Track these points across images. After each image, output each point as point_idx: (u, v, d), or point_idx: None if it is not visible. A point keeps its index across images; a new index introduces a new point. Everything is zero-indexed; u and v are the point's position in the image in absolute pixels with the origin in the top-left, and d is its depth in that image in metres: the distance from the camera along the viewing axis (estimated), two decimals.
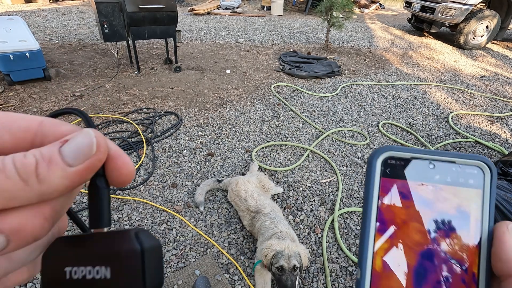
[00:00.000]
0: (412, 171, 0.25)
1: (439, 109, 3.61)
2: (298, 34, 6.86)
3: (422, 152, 0.25)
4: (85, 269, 0.19)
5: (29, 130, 0.18)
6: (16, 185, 0.15)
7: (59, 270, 0.19)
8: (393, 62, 5.26)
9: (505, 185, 1.70)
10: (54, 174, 0.16)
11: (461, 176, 0.25)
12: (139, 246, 0.19)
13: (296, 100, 3.60)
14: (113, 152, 0.19)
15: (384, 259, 0.24)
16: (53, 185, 0.16)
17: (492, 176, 0.25)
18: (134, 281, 0.18)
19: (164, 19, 3.55)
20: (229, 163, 2.46)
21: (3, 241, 0.15)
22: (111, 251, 0.19)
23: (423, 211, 0.25)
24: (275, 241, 1.42)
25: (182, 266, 1.65)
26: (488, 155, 2.77)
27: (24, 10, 7.01)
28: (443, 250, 0.24)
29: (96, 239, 0.20)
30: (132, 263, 0.19)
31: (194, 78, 4.01)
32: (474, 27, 5.93)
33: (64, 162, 0.17)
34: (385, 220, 0.25)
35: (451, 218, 0.24)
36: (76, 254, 0.19)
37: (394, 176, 0.25)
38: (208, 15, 8.36)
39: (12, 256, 0.18)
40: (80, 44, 4.94)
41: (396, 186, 0.25)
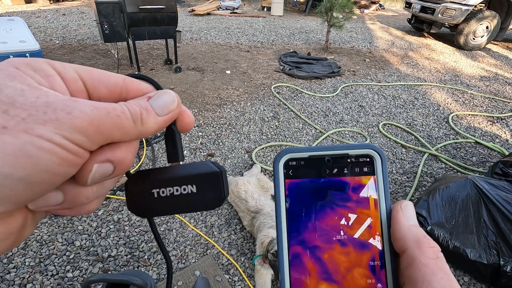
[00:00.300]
0: (312, 169, 0.27)
1: (439, 110, 3.60)
2: (298, 34, 6.86)
3: (317, 150, 0.27)
4: (172, 188, 0.26)
5: (118, 85, 0.22)
6: (130, 125, 0.20)
7: (147, 192, 0.26)
8: (393, 62, 5.26)
9: (506, 186, 1.70)
10: (150, 120, 0.21)
11: (356, 166, 0.27)
12: (218, 169, 0.26)
13: (296, 100, 3.60)
14: (182, 108, 0.25)
15: (298, 258, 0.26)
16: (148, 127, 0.21)
17: (382, 161, 0.27)
18: (217, 192, 0.26)
19: (164, 20, 3.55)
20: (229, 163, 2.46)
21: (111, 169, 0.20)
22: (195, 174, 0.26)
23: (327, 206, 0.26)
24: (272, 230, 1.44)
25: (182, 267, 1.64)
26: (488, 155, 2.77)
27: (24, 11, 7.02)
28: (350, 239, 0.26)
29: (177, 168, 0.26)
30: (215, 180, 0.26)
31: (194, 78, 4.01)
32: (474, 27, 5.93)
33: (155, 112, 0.22)
34: (294, 220, 0.26)
35: (354, 207, 0.26)
36: (161, 179, 0.26)
37: (297, 176, 0.27)
38: (208, 15, 8.37)
39: (105, 184, 0.22)
40: (80, 44, 4.94)
41: (299, 185, 0.27)
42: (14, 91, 0.17)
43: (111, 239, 1.76)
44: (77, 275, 1.56)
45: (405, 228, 0.24)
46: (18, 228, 0.19)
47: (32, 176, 0.16)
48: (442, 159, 2.66)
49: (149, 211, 0.26)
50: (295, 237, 0.26)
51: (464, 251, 1.56)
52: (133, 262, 1.65)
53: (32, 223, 0.21)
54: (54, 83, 0.19)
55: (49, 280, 1.52)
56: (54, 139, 0.16)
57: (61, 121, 0.17)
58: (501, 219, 1.58)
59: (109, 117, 0.19)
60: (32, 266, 1.58)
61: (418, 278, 0.21)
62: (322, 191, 0.27)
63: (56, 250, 1.67)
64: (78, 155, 0.18)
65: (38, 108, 0.17)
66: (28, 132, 0.16)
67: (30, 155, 0.16)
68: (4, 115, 0.16)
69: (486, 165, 2.62)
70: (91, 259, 1.64)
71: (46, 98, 0.17)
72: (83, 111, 0.18)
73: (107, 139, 0.19)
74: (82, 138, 0.18)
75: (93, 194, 0.21)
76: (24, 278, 1.52)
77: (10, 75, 0.17)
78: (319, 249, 0.26)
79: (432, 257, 0.22)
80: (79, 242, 1.73)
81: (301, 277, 0.25)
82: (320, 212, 0.26)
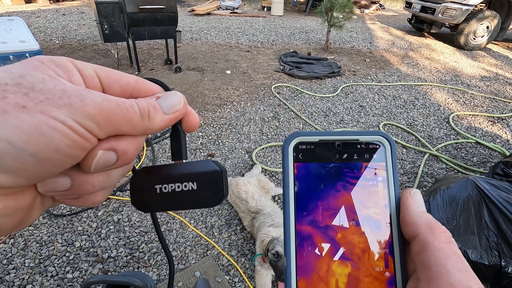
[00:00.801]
0: (322, 153, 0.27)
1: (439, 110, 3.60)
2: (298, 34, 6.86)
3: (328, 134, 0.27)
4: (174, 185, 0.27)
5: (130, 85, 0.24)
6: (137, 119, 0.22)
7: (150, 187, 0.27)
8: (393, 62, 5.25)
9: (507, 187, 1.69)
10: (157, 117, 0.23)
11: (366, 152, 0.27)
12: (219, 168, 0.27)
13: (297, 100, 3.59)
14: (189, 109, 0.27)
15: (306, 242, 0.26)
16: (155, 124, 0.23)
17: (392, 148, 0.27)
18: (216, 191, 0.27)
19: (164, 20, 3.55)
20: (230, 164, 2.46)
21: (115, 158, 0.21)
22: (197, 172, 0.27)
23: (336, 190, 0.26)
24: (272, 228, 1.44)
25: (182, 267, 1.64)
26: (489, 156, 2.76)
27: (24, 11, 7.01)
28: (359, 224, 0.26)
29: (179, 166, 0.28)
30: (215, 178, 0.27)
31: (194, 78, 4.00)
32: (474, 27, 5.93)
33: (162, 110, 0.24)
34: (302, 204, 0.26)
35: (362, 193, 0.26)
36: (164, 175, 0.27)
37: (306, 160, 0.27)
38: (208, 15, 8.36)
39: (111, 174, 0.23)
40: (80, 44, 4.93)
41: (309, 169, 0.27)
42: (35, 78, 0.18)
43: (111, 240, 1.75)
44: (77, 276, 1.55)
45: (416, 213, 0.24)
46: (26, 207, 0.20)
47: (42, 153, 0.17)
48: (442, 160, 2.65)
49: (151, 206, 0.27)
50: (302, 219, 0.26)
51: (465, 252, 1.55)
52: (133, 263, 1.64)
53: (40, 207, 0.22)
54: (72, 77, 0.21)
55: (49, 281, 1.51)
56: (67, 122, 0.18)
57: (74, 107, 0.18)
58: (502, 220, 1.57)
59: (119, 109, 0.20)
60: (32, 267, 1.57)
61: (431, 262, 0.21)
62: (331, 176, 0.27)
63: (56, 251, 1.66)
64: (87, 140, 0.19)
65: (55, 93, 0.18)
66: (44, 113, 0.17)
67: (43, 134, 0.17)
68: (24, 96, 0.17)
69: (487, 165, 2.62)
70: (91, 260, 1.63)
71: (63, 86, 0.19)
72: (95, 100, 0.19)
73: (116, 129, 0.21)
74: (92, 124, 0.19)
75: (99, 184, 0.22)
76: (23, 279, 1.51)
77: (34, 66, 0.19)
78: (325, 231, 0.26)
79: (445, 241, 0.22)
80: (79, 243, 1.72)
81: (311, 257, 0.25)
82: (328, 196, 0.26)
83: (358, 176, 0.27)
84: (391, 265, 0.25)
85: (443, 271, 0.20)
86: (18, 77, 0.18)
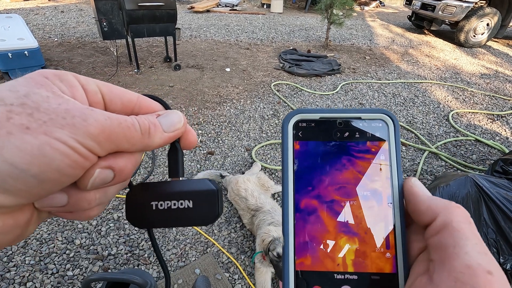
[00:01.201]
0: (323, 131, 0.26)
1: (439, 107, 3.60)
2: (298, 32, 6.83)
3: (330, 112, 0.27)
4: (170, 202, 0.27)
5: (132, 101, 0.25)
6: (138, 136, 0.22)
7: (146, 204, 0.27)
8: (393, 60, 5.24)
9: (506, 184, 1.69)
10: (156, 134, 0.23)
11: (368, 130, 0.26)
12: (215, 187, 0.27)
13: (296, 98, 3.59)
14: (188, 127, 0.27)
15: (305, 220, 0.25)
16: (154, 141, 0.23)
17: (395, 127, 0.26)
18: (212, 209, 0.27)
19: (163, 17, 3.53)
20: (229, 161, 2.46)
21: (111, 176, 0.22)
22: (193, 190, 0.27)
23: (336, 169, 0.26)
24: (273, 227, 1.43)
25: (182, 265, 1.64)
26: (488, 153, 2.77)
27: (22, 8, 6.97)
28: (359, 201, 0.25)
29: (176, 183, 0.28)
30: (211, 197, 0.27)
31: (194, 76, 3.99)
32: (474, 24, 5.91)
33: (162, 128, 0.24)
34: (301, 182, 0.26)
35: (364, 172, 0.26)
36: (160, 192, 0.27)
37: (306, 137, 0.26)
38: (207, 12, 8.33)
39: (107, 191, 0.24)
40: (79, 42, 4.91)
41: (309, 147, 0.26)
42: (40, 97, 0.19)
43: (111, 238, 1.76)
44: (77, 274, 1.56)
45: (428, 199, 0.23)
46: (24, 223, 0.21)
47: (44, 174, 0.18)
48: (442, 157, 2.66)
49: (146, 222, 0.28)
50: (301, 196, 0.26)
51: None
52: (133, 260, 1.65)
53: (36, 221, 0.22)
54: (76, 93, 0.21)
55: (49, 279, 1.52)
56: (69, 142, 0.18)
57: (77, 127, 0.19)
58: (501, 217, 1.58)
59: (120, 127, 0.21)
60: (32, 264, 1.58)
61: (449, 243, 0.20)
62: (332, 154, 0.26)
63: (56, 249, 1.67)
64: (88, 159, 0.19)
65: (59, 113, 0.18)
66: (47, 134, 0.18)
67: (45, 155, 0.17)
68: (29, 117, 0.18)
69: (486, 163, 2.62)
70: (91, 258, 1.64)
71: (66, 105, 0.19)
72: (97, 119, 0.19)
73: (116, 147, 0.21)
74: (94, 143, 0.19)
75: (95, 200, 0.23)
76: (24, 276, 1.52)
77: (38, 83, 0.19)
78: (329, 206, 0.25)
79: (465, 222, 0.21)
80: (79, 240, 1.72)
81: (314, 233, 0.25)
82: (328, 175, 0.26)
83: (359, 155, 0.26)
84: (392, 247, 0.24)
85: (461, 252, 0.20)
86: (23, 96, 0.18)
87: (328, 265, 0.24)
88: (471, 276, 0.19)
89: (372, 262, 0.24)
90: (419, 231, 0.25)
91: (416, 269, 0.23)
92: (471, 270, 0.19)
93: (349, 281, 0.24)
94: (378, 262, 0.24)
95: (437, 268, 0.21)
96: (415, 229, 0.25)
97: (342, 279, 0.24)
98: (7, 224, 0.19)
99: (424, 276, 0.22)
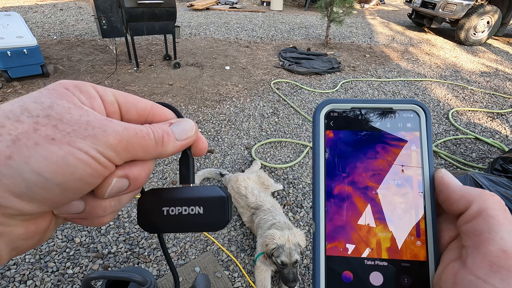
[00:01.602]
0: (354, 121, 0.27)
1: (439, 106, 3.59)
2: (298, 29, 6.82)
3: (361, 102, 0.27)
4: (181, 208, 0.28)
5: (146, 110, 0.26)
6: (152, 145, 0.23)
7: (158, 209, 0.28)
8: (393, 58, 5.23)
9: (506, 182, 1.70)
10: (169, 143, 0.24)
11: (399, 121, 0.26)
12: (225, 194, 0.28)
13: (296, 96, 3.58)
14: (199, 135, 0.28)
15: (335, 206, 0.26)
16: (167, 149, 0.24)
17: (427, 117, 0.26)
18: (222, 215, 0.28)
19: (163, 15, 3.52)
20: (229, 160, 2.46)
21: (127, 184, 0.23)
22: (204, 196, 0.28)
23: (367, 158, 0.26)
24: (277, 232, 1.43)
25: (182, 263, 1.65)
26: (488, 151, 2.77)
27: (21, 6, 6.94)
28: (391, 193, 0.25)
29: (187, 189, 0.28)
30: (221, 204, 0.28)
31: (193, 74, 3.98)
32: (475, 22, 5.89)
33: (175, 137, 0.25)
34: (333, 172, 0.26)
35: (395, 162, 0.26)
36: (171, 198, 0.28)
37: (338, 127, 0.27)
38: (207, 10, 8.30)
39: (121, 199, 0.25)
40: (78, 40, 4.90)
41: (340, 136, 0.27)
42: (62, 108, 0.20)
43: (111, 236, 1.76)
44: (77, 272, 1.56)
45: (460, 189, 0.24)
46: (44, 229, 0.22)
47: (67, 183, 0.19)
48: (442, 155, 2.66)
49: (157, 227, 0.28)
50: (332, 184, 0.26)
51: None
52: (133, 258, 1.65)
53: (54, 227, 0.23)
54: (94, 104, 0.22)
55: (50, 277, 1.52)
56: (90, 152, 0.19)
57: (98, 137, 0.20)
58: None
59: (136, 137, 0.22)
60: (32, 262, 1.58)
61: (483, 229, 0.21)
62: (363, 144, 0.26)
63: (56, 247, 1.67)
64: (107, 168, 0.21)
65: (81, 125, 0.20)
66: (70, 144, 0.19)
67: (69, 164, 0.19)
68: (54, 129, 0.19)
69: (485, 161, 2.62)
70: (91, 256, 1.64)
71: (87, 117, 0.20)
72: (116, 130, 0.21)
73: (132, 156, 0.22)
74: (113, 153, 0.20)
75: (110, 208, 0.24)
76: (24, 274, 1.52)
77: (60, 94, 0.20)
78: (357, 195, 0.26)
79: (501, 209, 0.21)
80: (79, 238, 1.73)
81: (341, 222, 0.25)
82: (359, 164, 0.26)
83: (390, 144, 0.26)
84: (423, 235, 0.25)
85: (496, 237, 0.20)
86: (47, 107, 0.19)
87: (359, 251, 0.25)
88: (506, 260, 0.19)
89: (403, 250, 0.25)
90: (450, 220, 0.25)
91: (447, 256, 0.23)
92: (507, 254, 0.19)
93: (379, 267, 0.24)
94: (409, 250, 0.25)
95: (470, 253, 0.21)
96: (445, 218, 0.25)
97: (372, 265, 0.25)
98: (30, 231, 0.20)
99: (457, 262, 0.22)
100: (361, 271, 0.25)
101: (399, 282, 0.24)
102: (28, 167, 0.18)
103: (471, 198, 0.23)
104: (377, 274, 0.24)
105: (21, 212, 0.19)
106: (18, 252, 0.21)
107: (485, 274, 0.19)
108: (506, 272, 0.19)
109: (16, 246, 0.20)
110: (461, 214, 0.23)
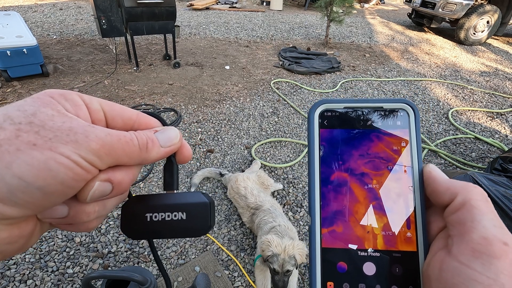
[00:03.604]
0: (347, 120, 0.28)
1: (439, 105, 3.60)
2: (297, 29, 6.81)
3: (353, 102, 0.28)
4: (164, 214, 0.28)
5: (132, 119, 0.26)
6: (136, 150, 0.23)
7: (141, 215, 0.28)
8: (393, 57, 5.23)
9: (505, 182, 1.70)
10: (154, 149, 0.25)
11: (390, 119, 0.28)
12: (208, 200, 0.29)
13: (296, 96, 3.58)
14: (183, 142, 0.29)
15: (330, 202, 0.27)
16: (151, 155, 0.25)
17: (416, 115, 0.28)
18: (204, 221, 0.28)
19: (162, 14, 3.52)
20: (229, 159, 2.46)
21: (110, 188, 0.23)
22: (187, 202, 0.28)
23: (359, 156, 0.28)
24: (276, 239, 1.39)
25: (182, 262, 1.65)
26: (488, 151, 2.77)
27: (20, 5, 6.94)
28: (382, 188, 0.27)
29: (170, 196, 0.29)
30: (203, 210, 0.28)
31: (193, 74, 3.98)
32: (474, 22, 5.89)
33: (159, 143, 0.25)
34: (327, 169, 0.28)
35: (386, 158, 0.27)
36: (155, 204, 0.28)
37: (331, 126, 0.28)
38: (207, 10, 8.29)
39: (106, 204, 0.25)
40: (78, 39, 4.89)
41: (334, 135, 0.28)
42: (45, 116, 0.20)
43: (111, 235, 1.76)
44: (77, 271, 1.56)
45: (446, 181, 0.25)
46: (28, 234, 0.22)
47: (49, 186, 0.19)
48: (441, 155, 2.66)
49: (140, 233, 0.28)
50: (327, 184, 0.27)
51: None
52: (133, 258, 1.65)
53: (39, 232, 0.23)
54: (79, 111, 0.23)
55: (50, 276, 1.52)
56: (72, 157, 0.19)
57: (80, 143, 0.20)
58: (500, 215, 1.58)
59: (120, 142, 0.22)
60: (32, 262, 1.58)
61: (467, 218, 0.22)
62: (356, 142, 0.28)
63: (56, 247, 1.67)
64: (89, 172, 0.21)
65: (63, 131, 0.20)
66: (52, 149, 0.19)
67: (51, 169, 0.19)
68: (35, 135, 0.19)
69: (485, 160, 2.63)
70: (91, 255, 1.64)
71: (70, 123, 0.20)
72: (98, 135, 0.21)
73: (115, 161, 0.22)
74: (95, 158, 0.21)
75: (94, 213, 0.24)
76: (24, 274, 1.52)
77: (44, 102, 0.21)
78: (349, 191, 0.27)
79: (482, 200, 0.23)
80: (78, 238, 1.73)
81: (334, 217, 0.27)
82: (353, 162, 0.27)
83: (381, 143, 0.28)
84: (413, 227, 0.26)
85: (478, 226, 0.21)
86: (30, 115, 0.20)
87: (352, 242, 0.26)
88: (487, 246, 0.20)
89: (394, 241, 0.26)
90: (437, 213, 0.26)
91: (435, 246, 0.25)
92: (487, 241, 0.20)
93: (372, 258, 0.26)
94: (400, 241, 0.26)
95: (455, 241, 0.22)
96: (434, 211, 0.27)
97: (365, 256, 0.26)
98: (14, 235, 0.20)
99: (443, 250, 0.23)
100: (355, 261, 0.26)
101: (391, 272, 0.26)
102: (10, 172, 0.18)
103: (456, 190, 0.24)
104: (370, 264, 0.26)
105: (4, 216, 0.19)
106: (3, 256, 0.21)
107: (468, 260, 0.21)
108: (486, 257, 0.20)
109: (0, 250, 0.21)
110: (447, 206, 0.24)
